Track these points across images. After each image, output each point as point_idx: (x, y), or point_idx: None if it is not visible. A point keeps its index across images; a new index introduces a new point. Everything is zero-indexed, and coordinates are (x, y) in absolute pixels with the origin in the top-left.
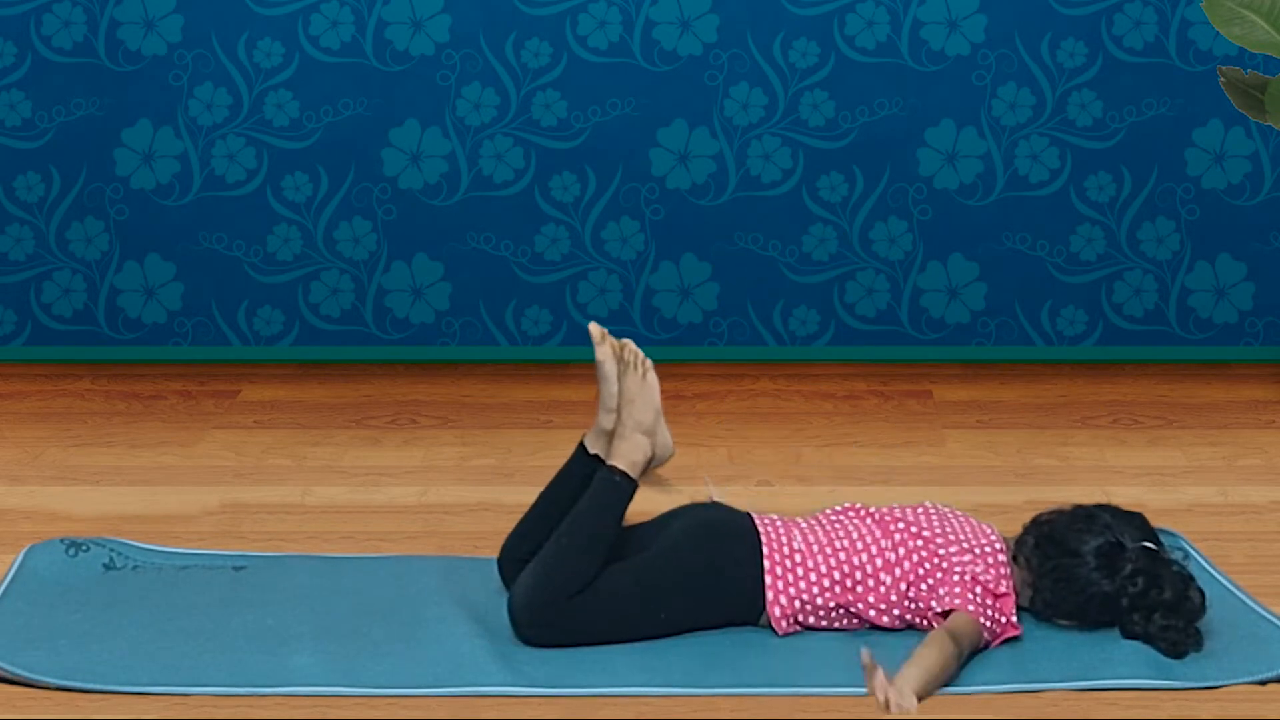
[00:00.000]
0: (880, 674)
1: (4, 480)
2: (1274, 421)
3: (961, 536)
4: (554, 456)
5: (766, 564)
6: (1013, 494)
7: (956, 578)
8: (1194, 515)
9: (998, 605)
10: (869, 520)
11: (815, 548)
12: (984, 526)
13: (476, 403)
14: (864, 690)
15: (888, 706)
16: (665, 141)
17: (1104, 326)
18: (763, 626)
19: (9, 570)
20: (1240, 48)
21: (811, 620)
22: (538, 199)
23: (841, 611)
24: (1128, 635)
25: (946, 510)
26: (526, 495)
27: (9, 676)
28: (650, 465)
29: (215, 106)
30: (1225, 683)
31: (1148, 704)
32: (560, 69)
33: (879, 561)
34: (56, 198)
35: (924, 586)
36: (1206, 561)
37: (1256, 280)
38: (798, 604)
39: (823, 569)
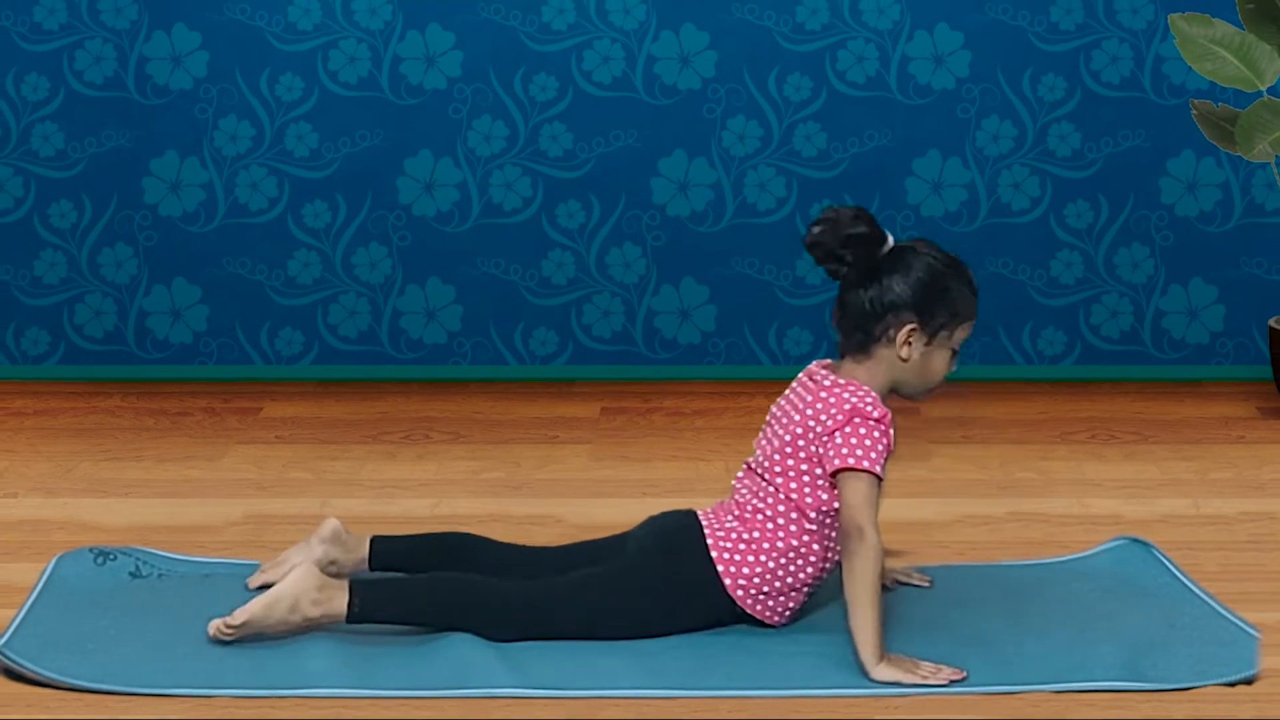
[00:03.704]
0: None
1: (39, 493)
2: (1244, 437)
3: (815, 404)
4: (560, 470)
5: (714, 554)
6: (996, 505)
7: (828, 440)
8: (1168, 526)
9: (881, 424)
10: (751, 476)
11: (740, 519)
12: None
13: (486, 419)
14: (857, 691)
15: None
16: (666, 171)
17: (1082, 347)
18: (753, 622)
19: (40, 578)
20: (1211, 82)
21: (779, 585)
22: (545, 226)
23: (789, 563)
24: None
25: (797, 393)
26: (534, 506)
27: (40, 679)
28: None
29: (239, 138)
30: (1197, 684)
31: (1124, 704)
32: (566, 102)
33: (780, 506)
34: (88, 224)
35: (817, 472)
36: (1179, 570)
37: (1227, 303)
38: (756, 580)
39: (750, 538)
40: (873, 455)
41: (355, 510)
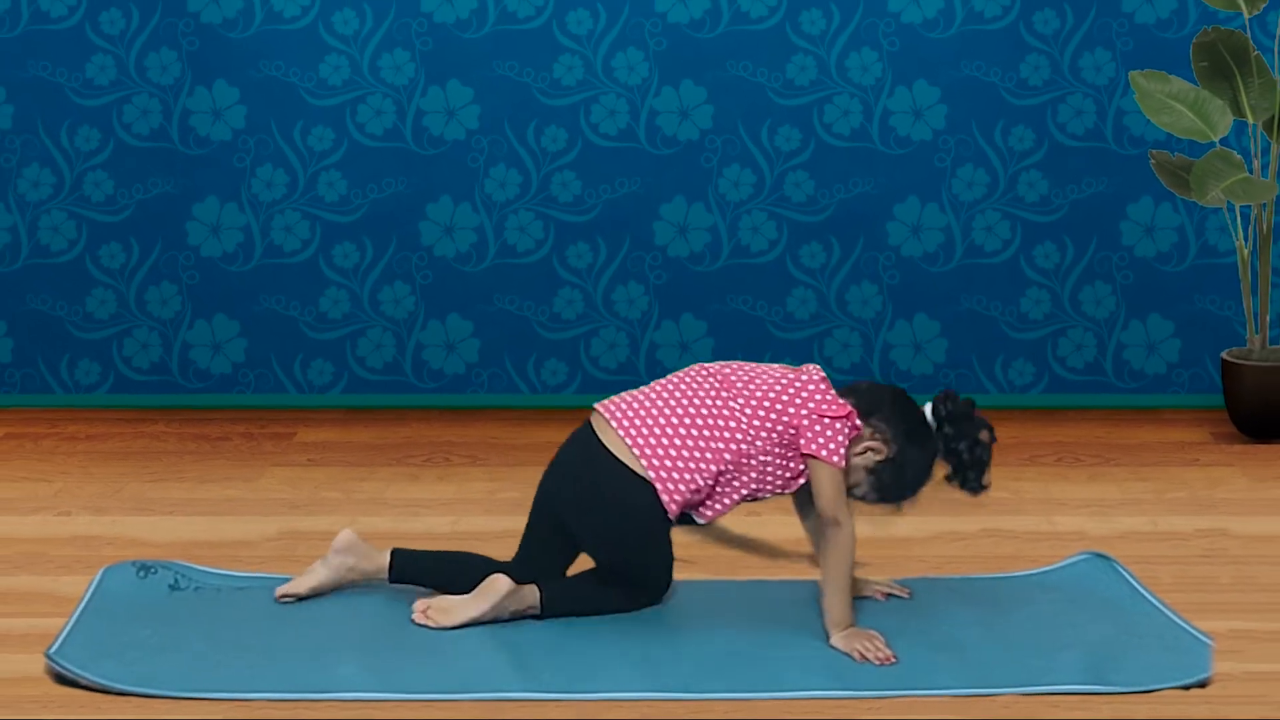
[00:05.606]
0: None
1: (90, 511)
2: (1198, 460)
3: (791, 378)
4: None
5: (644, 463)
6: (970, 523)
7: (807, 424)
8: (1127, 541)
9: (848, 420)
10: (712, 380)
11: (669, 424)
12: (806, 369)
13: (502, 444)
14: (845, 694)
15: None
16: (667, 215)
17: (1050, 377)
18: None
19: (87, 589)
20: (1169, 133)
21: (702, 482)
22: (555, 265)
23: (724, 471)
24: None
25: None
26: None
27: (85, 683)
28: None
29: (274, 185)
30: (1155, 687)
31: (1088, 706)
32: (575, 152)
33: (732, 423)
34: (136, 264)
35: (780, 426)
36: (1138, 582)
37: (1182, 336)
38: (679, 473)
39: (682, 434)
40: (839, 453)
41: (381, 527)
